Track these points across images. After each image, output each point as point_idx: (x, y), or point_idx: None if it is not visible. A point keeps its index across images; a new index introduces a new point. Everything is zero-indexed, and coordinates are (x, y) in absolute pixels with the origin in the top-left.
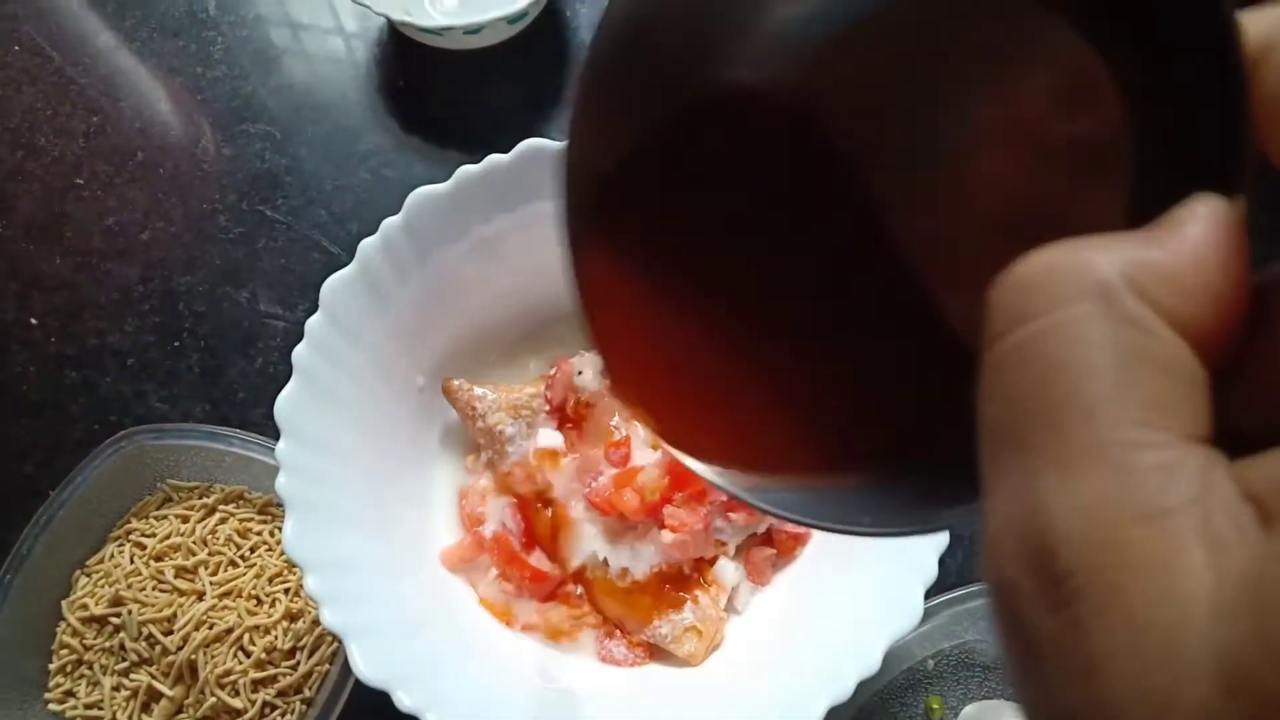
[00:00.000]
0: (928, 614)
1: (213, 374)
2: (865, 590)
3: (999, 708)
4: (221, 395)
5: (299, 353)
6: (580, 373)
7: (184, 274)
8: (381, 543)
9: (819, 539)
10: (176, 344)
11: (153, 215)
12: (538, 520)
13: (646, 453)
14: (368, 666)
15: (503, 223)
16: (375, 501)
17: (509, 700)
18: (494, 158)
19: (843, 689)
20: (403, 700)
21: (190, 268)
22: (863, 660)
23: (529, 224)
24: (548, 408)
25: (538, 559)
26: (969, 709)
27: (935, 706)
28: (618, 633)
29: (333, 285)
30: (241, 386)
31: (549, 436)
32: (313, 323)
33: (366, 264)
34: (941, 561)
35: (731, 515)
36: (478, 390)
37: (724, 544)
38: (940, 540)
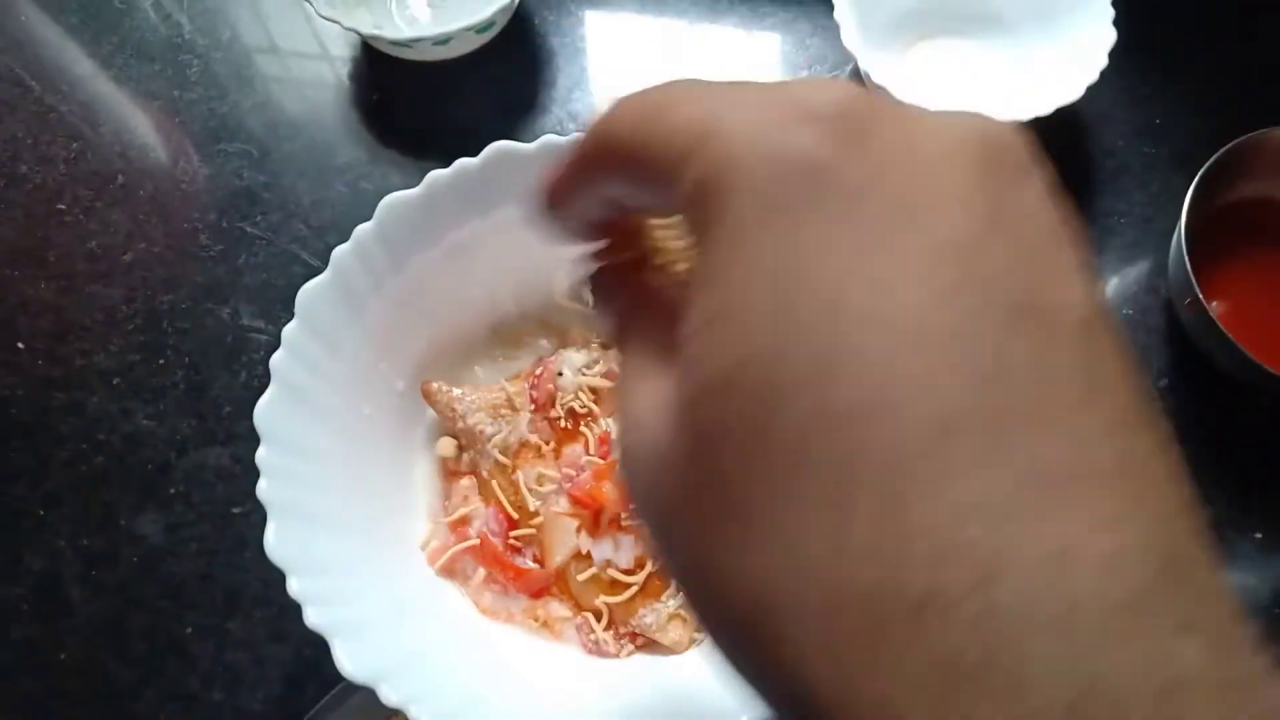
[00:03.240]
0: None
1: (198, 389)
2: None
3: None
4: (208, 410)
5: (277, 360)
6: (561, 373)
7: (167, 292)
8: (365, 543)
9: None
10: (161, 361)
11: (134, 236)
12: (520, 520)
13: None
14: (352, 663)
15: (475, 227)
16: (358, 504)
17: (497, 693)
18: (463, 162)
19: None
20: (389, 695)
21: (173, 286)
22: None
23: (501, 228)
24: (532, 407)
25: (524, 558)
26: None
27: None
28: (604, 625)
29: (308, 293)
30: (227, 400)
31: (526, 429)
32: (289, 330)
33: (341, 271)
34: None
35: None
36: (456, 392)
37: None
38: None
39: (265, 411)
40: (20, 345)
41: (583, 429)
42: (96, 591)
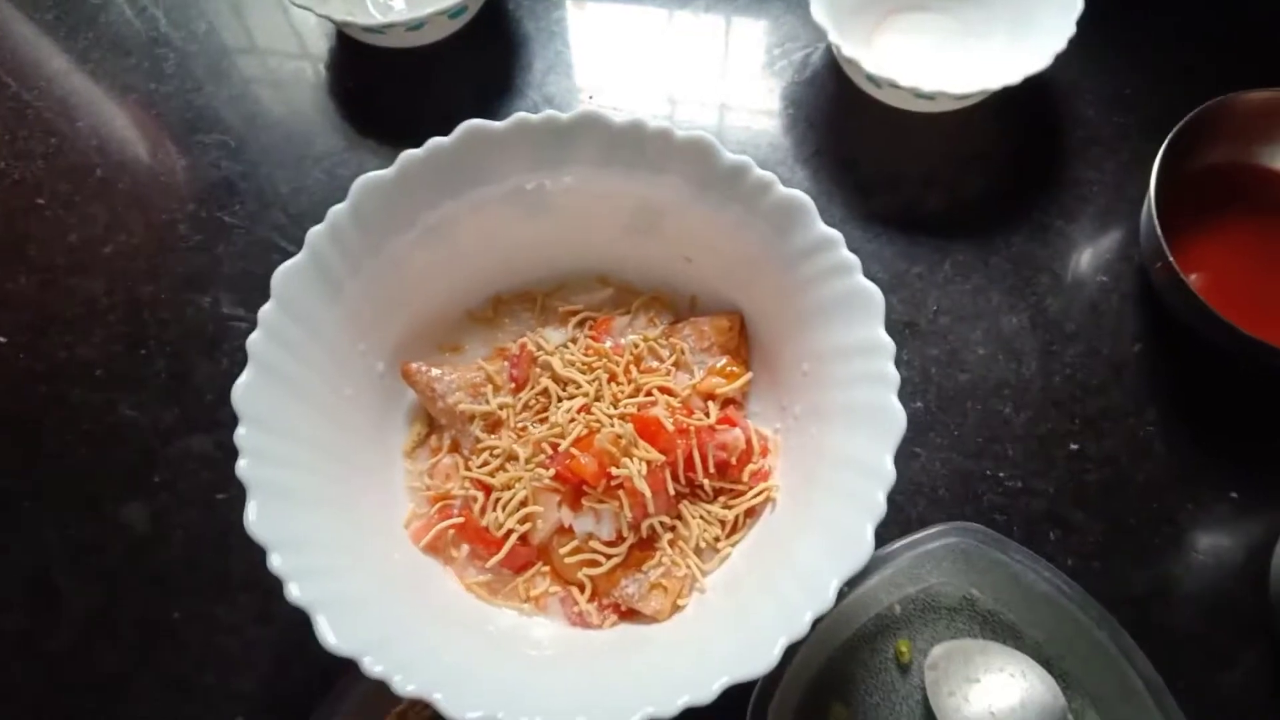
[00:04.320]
0: (890, 559)
1: (180, 379)
2: (817, 533)
3: (966, 646)
4: (190, 399)
5: (254, 341)
6: (540, 348)
7: (147, 283)
8: (347, 521)
9: (784, 490)
10: (143, 352)
11: (114, 229)
12: (502, 496)
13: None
14: (335, 636)
15: (449, 208)
16: (340, 482)
17: (483, 664)
18: (436, 140)
19: (799, 627)
20: (371, 666)
21: (153, 277)
22: (817, 598)
23: (476, 207)
24: (512, 385)
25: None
26: (937, 649)
27: (904, 650)
28: (587, 597)
29: (283, 274)
30: (209, 389)
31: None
32: (266, 311)
33: (315, 252)
34: (902, 508)
35: (691, 474)
36: (435, 372)
37: (686, 499)
38: (885, 478)
39: (243, 392)
40: (2, 339)
41: (561, 405)
42: (85, 581)
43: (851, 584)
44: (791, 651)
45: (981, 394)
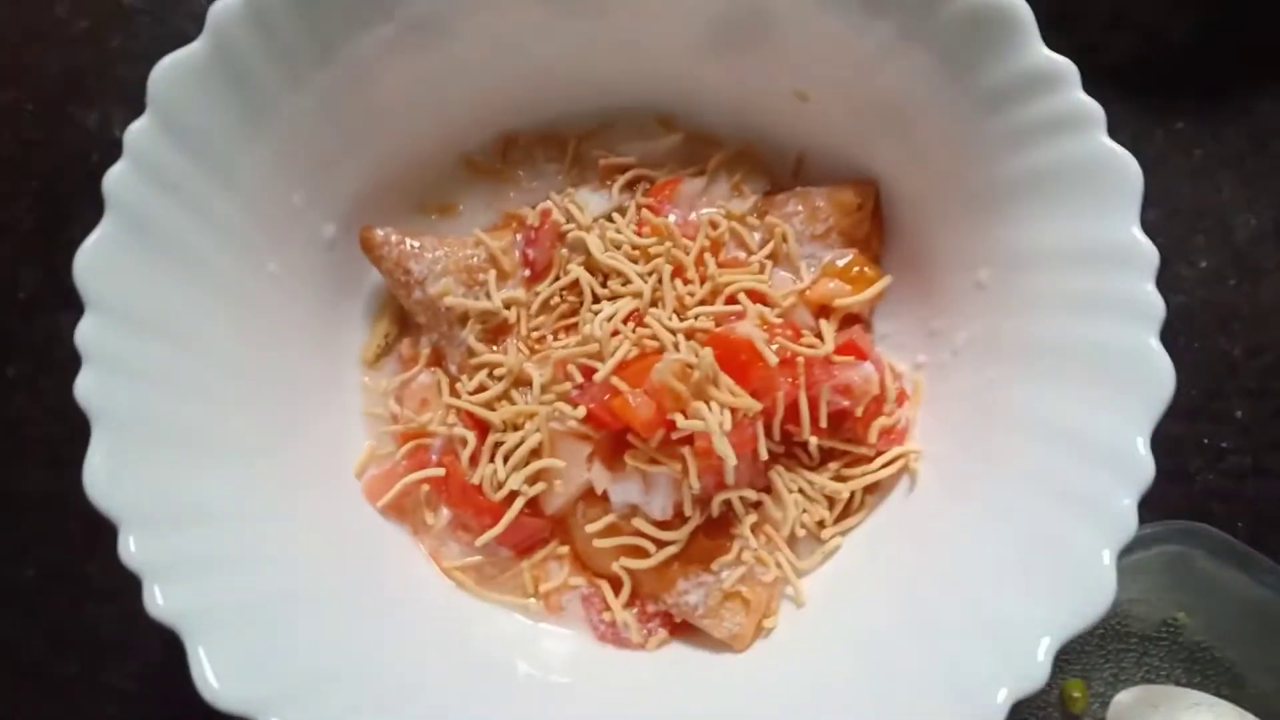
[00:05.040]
0: None
1: (50, 230)
2: (1008, 546)
3: (1165, 695)
4: (62, 259)
5: (115, 179)
6: (570, 219)
7: (7, 87)
8: (263, 474)
9: (931, 460)
10: (2, 186)
11: None
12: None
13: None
14: (224, 678)
15: None
16: (255, 412)
17: (469, 709)
18: None
19: (989, 712)
20: None
21: (17, 79)
22: (1016, 667)
23: None
24: (526, 271)
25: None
26: (1122, 696)
27: (1077, 695)
28: (624, 600)
29: (170, 73)
30: None
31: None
32: (138, 132)
33: (226, 45)
34: None
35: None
36: (412, 244)
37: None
38: (1139, 471)
39: (90, 260)
40: None
41: (600, 308)
42: None
43: None
44: None
45: (1200, 326)
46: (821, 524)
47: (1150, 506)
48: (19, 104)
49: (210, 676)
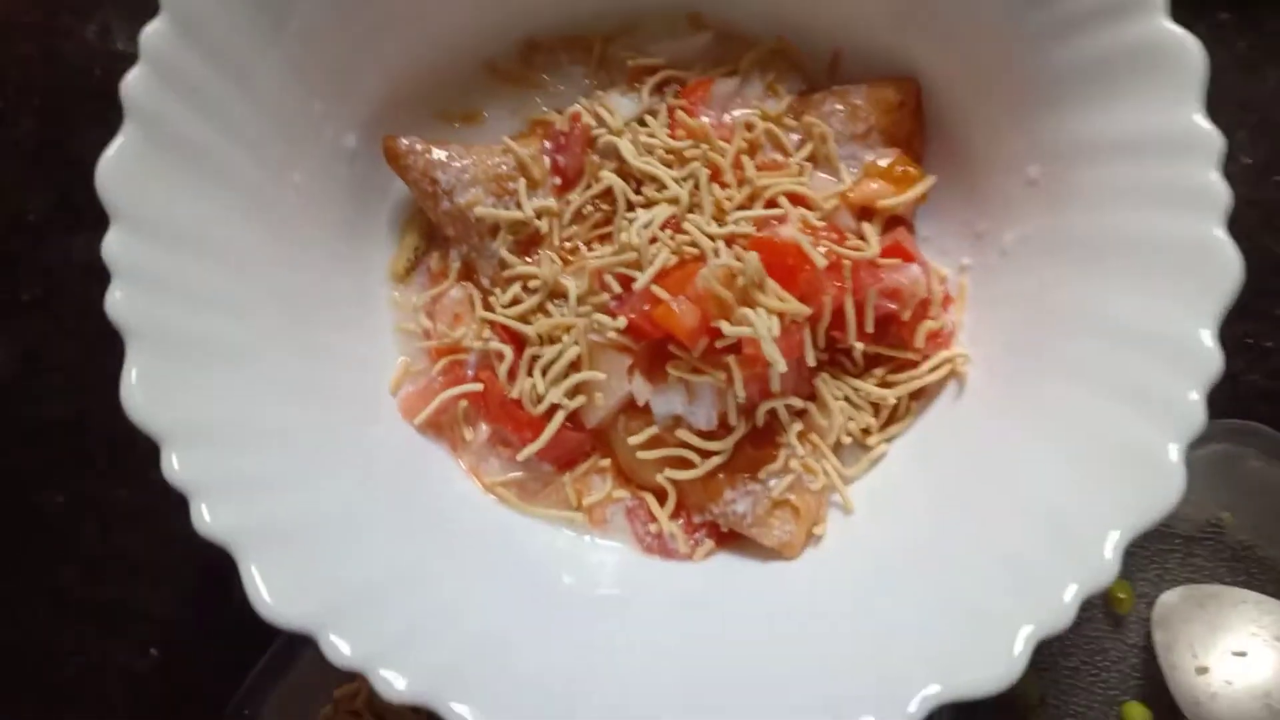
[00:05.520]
0: None
1: (54, 149)
2: (1075, 448)
3: (1211, 594)
4: (69, 180)
5: (133, 84)
6: (602, 126)
7: None
8: (298, 392)
9: (980, 364)
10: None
11: None
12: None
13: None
14: (278, 594)
15: None
16: (285, 327)
17: (514, 624)
18: None
19: (1055, 611)
20: (338, 649)
21: None
22: (1083, 562)
23: None
24: (557, 179)
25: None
26: (1168, 596)
27: (1123, 596)
28: (670, 511)
29: None
30: (96, 165)
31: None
32: (153, 35)
33: None
34: None
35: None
36: (438, 154)
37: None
38: (1205, 362)
39: (116, 169)
40: None
41: (636, 216)
42: None
43: None
44: None
45: (1245, 225)
46: (867, 431)
47: None
48: (15, 17)
49: (265, 593)
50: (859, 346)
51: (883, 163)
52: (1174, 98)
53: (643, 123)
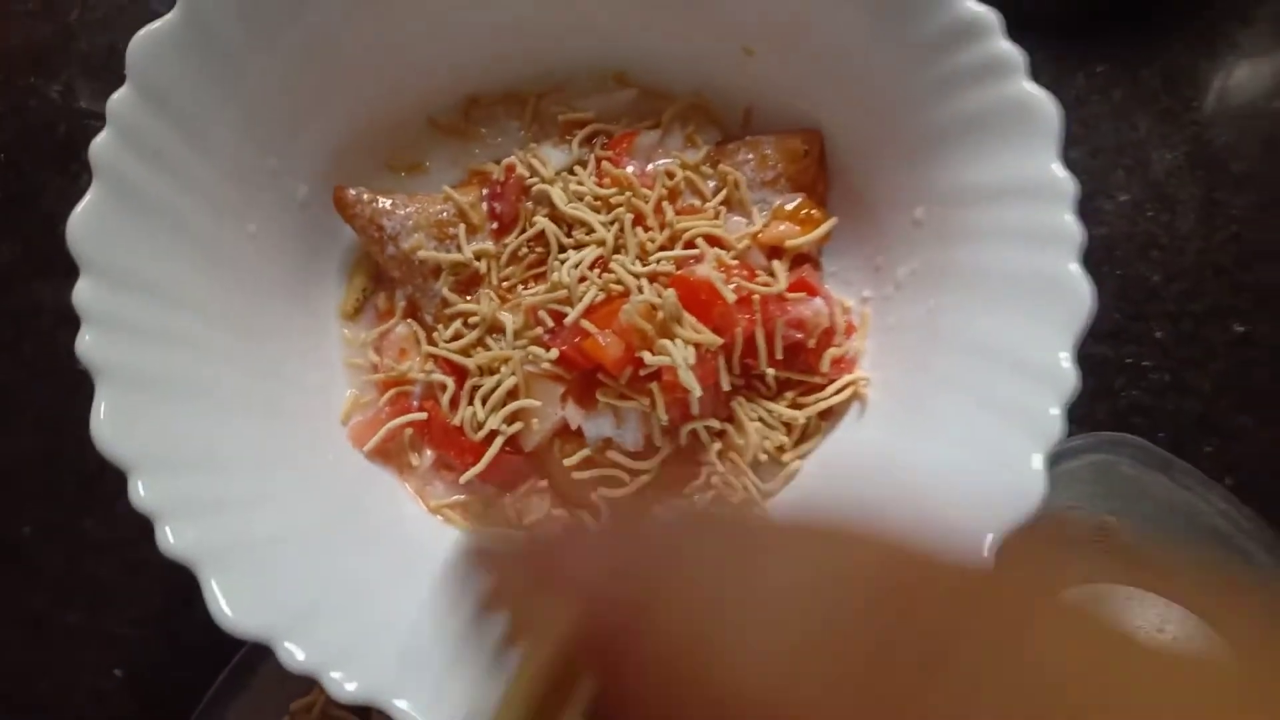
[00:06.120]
0: None
1: (21, 201)
2: (948, 456)
3: (1109, 594)
4: (35, 229)
5: (100, 147)
6: (534, 173)
7: None
8: (255, 421)
9: (880, 385)
10: None
11: None
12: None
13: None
14: (237, 607)
15: None
16: (241, 362)
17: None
18: None
19: None
20: (293, 655)
21: None
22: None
23: None
24: (494, 224)
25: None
26: (1063, 596)
27: None
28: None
29: (148, 42)
30: (61, 216)
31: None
32: (119, 101)
33: (198, 11)
34: None
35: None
36: (384, 202)
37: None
38: (1063, 382)
39: (83, 224)
40: None
41: (567, 256)
42: None
43: None
44: None
45: (1122, 255)
46: (781, 449)
47: (1079, 421)
48: None
49: (224, 606)
50: (770, 372)
51: (790, 206)
52: (1034, 148)
53: (573, 172)
